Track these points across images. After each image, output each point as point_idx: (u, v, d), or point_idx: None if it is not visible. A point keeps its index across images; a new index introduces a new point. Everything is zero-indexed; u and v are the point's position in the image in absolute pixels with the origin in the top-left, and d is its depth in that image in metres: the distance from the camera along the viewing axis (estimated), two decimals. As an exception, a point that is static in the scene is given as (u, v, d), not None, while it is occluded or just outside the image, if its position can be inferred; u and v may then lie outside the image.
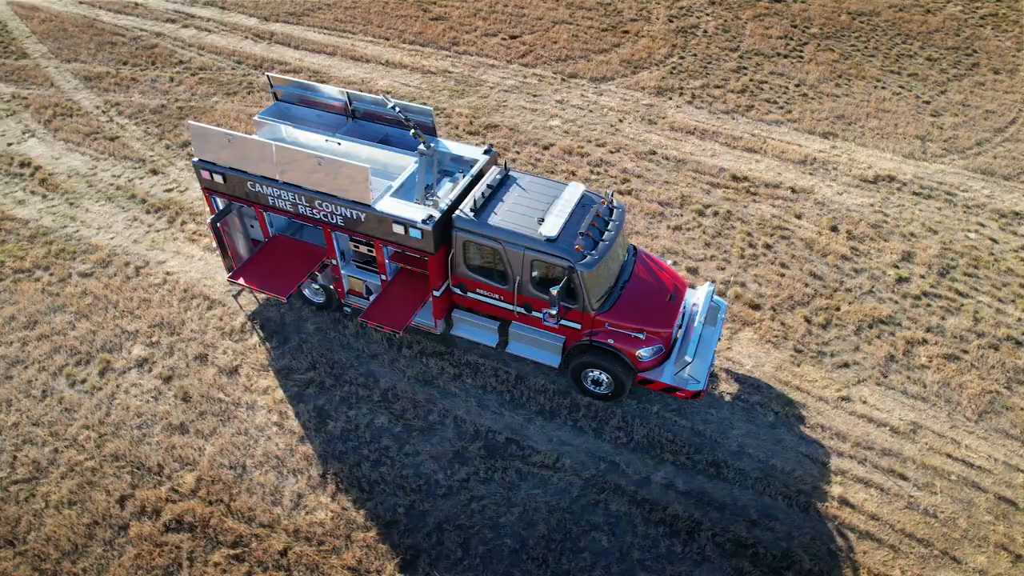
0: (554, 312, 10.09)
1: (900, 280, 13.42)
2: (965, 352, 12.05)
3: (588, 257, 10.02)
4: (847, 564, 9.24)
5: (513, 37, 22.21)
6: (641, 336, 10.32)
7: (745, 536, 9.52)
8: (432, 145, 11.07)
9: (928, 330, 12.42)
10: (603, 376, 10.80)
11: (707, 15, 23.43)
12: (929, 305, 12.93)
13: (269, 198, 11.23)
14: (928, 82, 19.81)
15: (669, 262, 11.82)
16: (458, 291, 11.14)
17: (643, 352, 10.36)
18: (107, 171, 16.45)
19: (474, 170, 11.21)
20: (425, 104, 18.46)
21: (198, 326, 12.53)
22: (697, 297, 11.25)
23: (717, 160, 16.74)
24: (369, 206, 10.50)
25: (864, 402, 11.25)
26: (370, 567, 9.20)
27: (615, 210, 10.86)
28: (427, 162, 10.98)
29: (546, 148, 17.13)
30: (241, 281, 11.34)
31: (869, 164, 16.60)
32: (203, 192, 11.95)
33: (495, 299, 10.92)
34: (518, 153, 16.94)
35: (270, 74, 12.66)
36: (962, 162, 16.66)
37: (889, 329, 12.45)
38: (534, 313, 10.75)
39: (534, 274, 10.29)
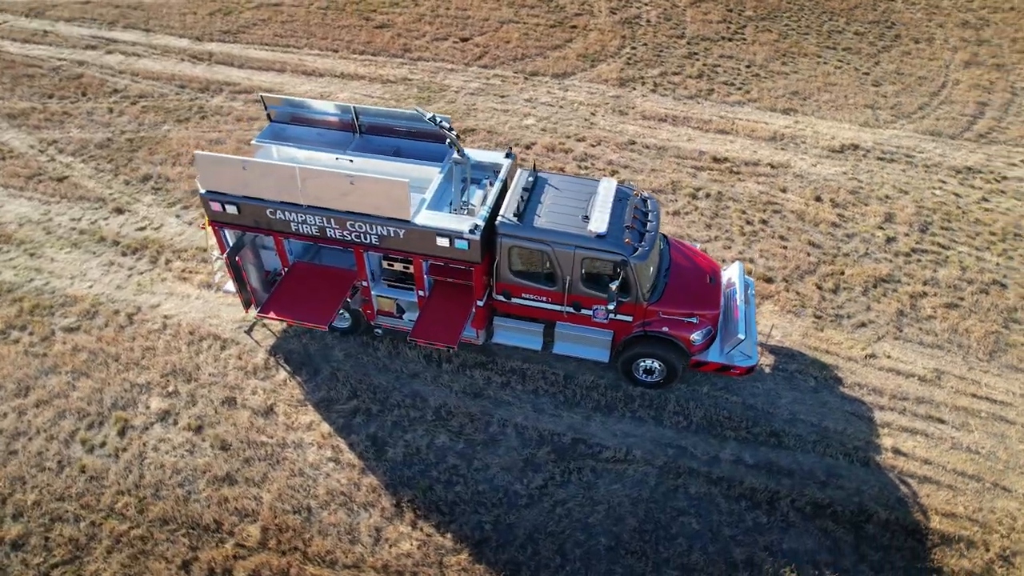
0: (612, 307, 10.14)
1: (889, 240, 14.35)
2: (961, 300, 13.04)
3: (639, 249, 10.14)
4: (916, 509, 9.83)
5: (464, 40, 22.04)
6: (694, 320, 10.55)
7: (820, 497, 9.94)
8: (466, 154, 10.84)
9: (925, 283, 13.35)
10: (655, 364, 10.96)
11: (646, 5, 24.10)
12: (919, 260, 13.90)
13: (292, 224, 10.66)
14: (861, 55, 21.22)
15: (699, 246, 12.12)
16: (502, 298, 10.99)
17: (696, 336, 10.59)
18: (63, 215, 15.09)
19: (501, 175, 11.07)
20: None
21: (216, 368, 11.74)
22: (731, 275, 11.60)
23: (694, 144, 17.28)
24: (408, 221, 10.17)
25: (888, 356, 11.98)
26: (470, 590, 8.98)
27: (648, 201, 11.03)
28: (460, 171, 10.74)
29: (528, 147, 17.13)
30: (273, 315, 10.72)
31: (832, 135, 17.61)
32: (210, 226, 11.19)
33: (542, 302, 10.84)
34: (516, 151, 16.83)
35: (263, 94, 12.00)
36: (911, 126, 17.98)
37: (891, 287, 13.29)
38: (583, 311, 10.76)
39: (584, 272, 10.30)
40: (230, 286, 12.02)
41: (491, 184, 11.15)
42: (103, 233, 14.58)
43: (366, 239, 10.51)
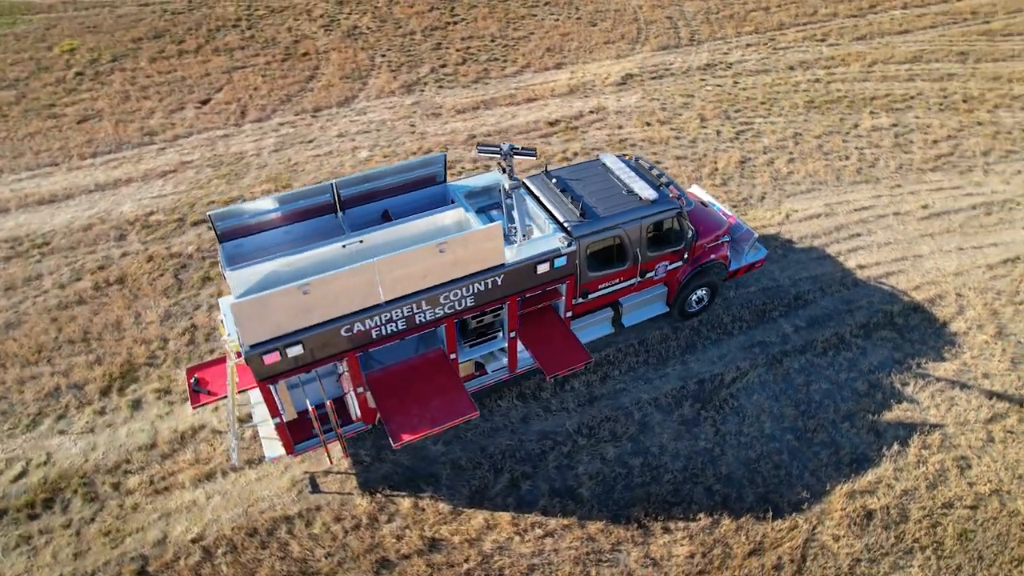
0: (686, 255, 11.03)
1: (717, 133, 17.67)
2: (791, 153, 16.96)
3: (683, 198, 11.11)
4: (898, 293, 13.14)
5: (205, 102, 19.09)
6: (724, 239, 12.03)
7: (859, 321, 12.57)
8: (517, 181, 10.20)
9: (764, 152, 16.97)
10: (702, 292, 12.24)
11: (352, 15, 23.68)
12: (746, 138, 17.49)
13: (374, 331, 8.96)
14: (560, 4, 24.39)
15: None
16: (580, 299, 10.94)
17: (727, 251, 12.14)
18: None
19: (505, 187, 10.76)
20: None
21: (332, 547, 9.38)
22: (700, 195, 13.28)
23: (521, 118, 18.33)
24: (503, 264, 9.43)
25: (795, 211, 15.19)
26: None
27: (641, 160, 11.96)
28: (518, 198, 10.09)
29: (391, 177, 16.16)
30: (411, 436, 8.97)
31: (607, 73, 20.35)
32: (259, 388, 8.70)
33: (615, 284, 11.13)
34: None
35: (211, 213, 9.39)
36: (647, 48, 21.72)
37: (749, 164, 16.58)
38: (648, 275, 11.40)
39: (649, 237, 10.89)
40: (236, 457, 9.67)
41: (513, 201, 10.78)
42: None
43: (461, 304, 9.42)
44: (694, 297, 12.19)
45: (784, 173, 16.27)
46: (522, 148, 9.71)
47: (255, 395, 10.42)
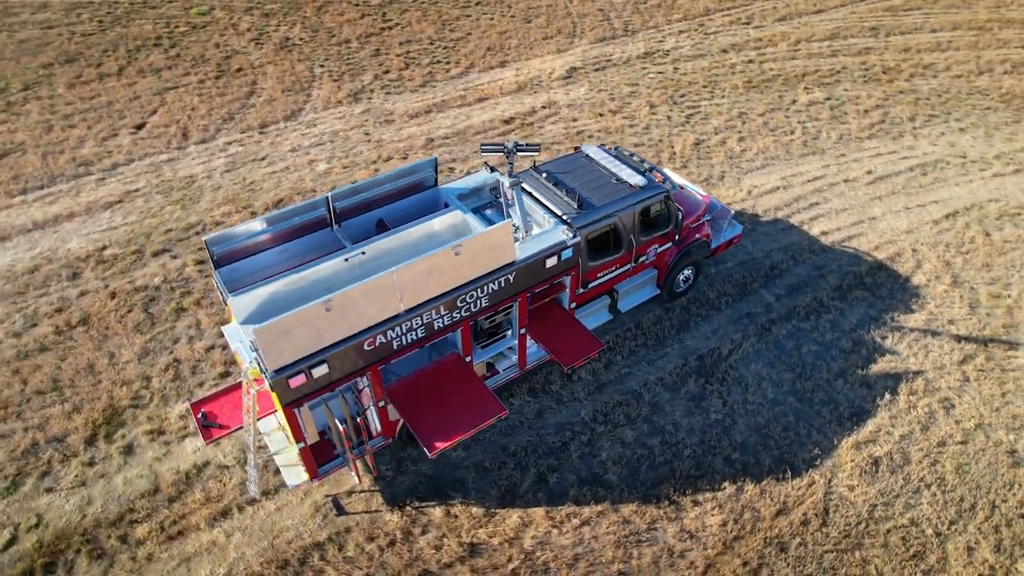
0: (677, 236, 11.36)
1: (668, 118, 18.21)
2: (740, 131, 17.69)
3: (668, 181, 11.43)
4: (860, 254, 13.99)
5: (140, 126, 18.10)
6: (705, 218, 12.46)
7: (833, 284, 13.30)
8: (517, 177, 10.20)
9: (716, 132, 17.62)
10: (688, 271, 12.63)
11: (280, 27, 22.97)
12: (695, 121, 18.11)
13: (395, 342, 8.79)
14: (492, 3, 24.47)
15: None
16: (580, 290, 11.07)
17: (709, 229, 12.57)
18: None
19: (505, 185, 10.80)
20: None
21: (370, 569, 9.14)
22: (672, 178, 13.67)
23: (477, 118, 18.31)
24: (514, 261, 9.44)
25: (755, 186, 15.88)
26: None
27: (620, 148, 12.22)
28: (519, 195, 10.08)
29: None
30: (444, 444, 8.82)
31: (551, 68, 20.60)
32: (284, 413, 8.37)
33: (612, 271, 11.33)
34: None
35: (207, 238, 8.95)
36: (587, 42, 22.10)
37: (704, 145, 17.19)
38: (640, 259, 11.66)
39: (640, 222, 11.14)
40: (255, 488, 9.39)
41: (507, 198, 10.80)
42: (-35, 585, 9.02)
43: (476, 306, 9.37)
44: (681, 277, 12.56)
45: (738, 151, 16.97)
46: (526, 144, 9.74)
47: (265, 424, 10.01)
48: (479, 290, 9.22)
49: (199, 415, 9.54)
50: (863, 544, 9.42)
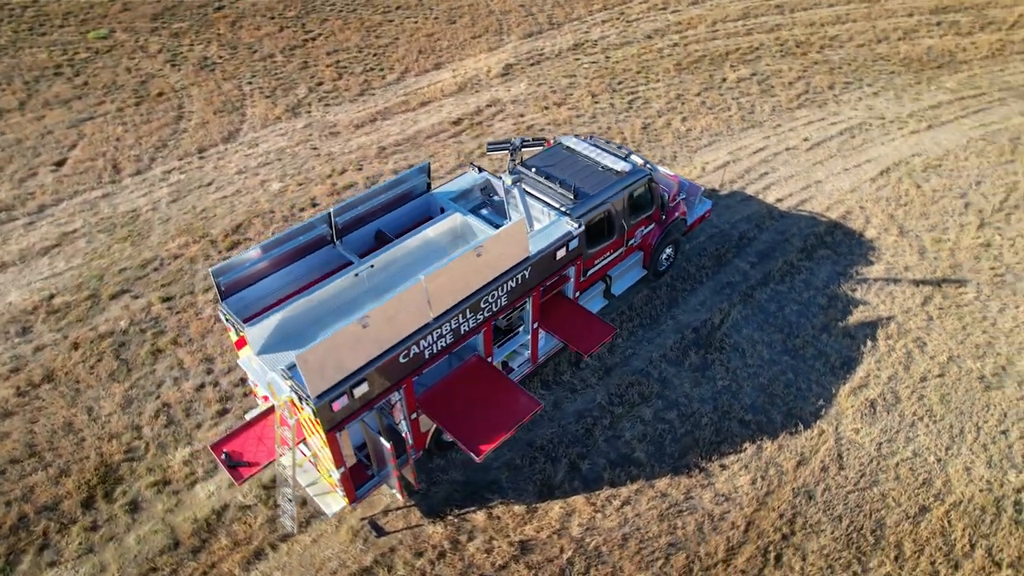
0: (663, 216, 11.74)
1: (611, 105, 18.69)
2: (681, 112, 18.41)
3: (648, 164, 11.78)
4: (816, 216, 14.94)
5: (60, 163, 16.76)
6: (680, 197, 12.92)
7: (799, 246, 14.13)
8: (518, 174, 10.18)
9: (659, 116, 18.25)
10: (669, 250, 13.08)
11: (196, 46, 21.84)
12: (638, 108, 18.68)
13: (426, 352, 8.65)
14: (411, 8, 24.23)
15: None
16: (581, 278, 11.26)
17: (684, 207, 13.06)
18: None
19: (501, 183, 10.84)
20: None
21: (418, 583, 8.97)
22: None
23: (423, 122, 18.12)
24: (529, 256, 9.49)
25: (707, 162, 16.60)
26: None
27: (596, 136, 12.47)
28: (520, 191, 10.07)
29: (313, 204, 15.32)
30: (489, 446, 8.74)
31: (487, 67, 20.65)
32: (327, 440, 8.07)
33: (608, 256, 11.57)
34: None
35: (212, 269, 8.47)
36: (516, 38, 22.28)
37: (652, 129, 17.77)
38: (630, 242, 11.97)
39: (629, 206, 11.44)
40: (291, 523, 9.14)
41: (502, 196, 10.83)
42: None
43: (497, 305, 9.36)
44: (664, 256, 13.00)
45: (683, 131, 17.67)
46: (532, 139, 9.79)
47: (286, 458, 9.59)
48: (499, 289, 9.23)
49: (222, 456, 9.02)
50: (879, 480, 10.13)
